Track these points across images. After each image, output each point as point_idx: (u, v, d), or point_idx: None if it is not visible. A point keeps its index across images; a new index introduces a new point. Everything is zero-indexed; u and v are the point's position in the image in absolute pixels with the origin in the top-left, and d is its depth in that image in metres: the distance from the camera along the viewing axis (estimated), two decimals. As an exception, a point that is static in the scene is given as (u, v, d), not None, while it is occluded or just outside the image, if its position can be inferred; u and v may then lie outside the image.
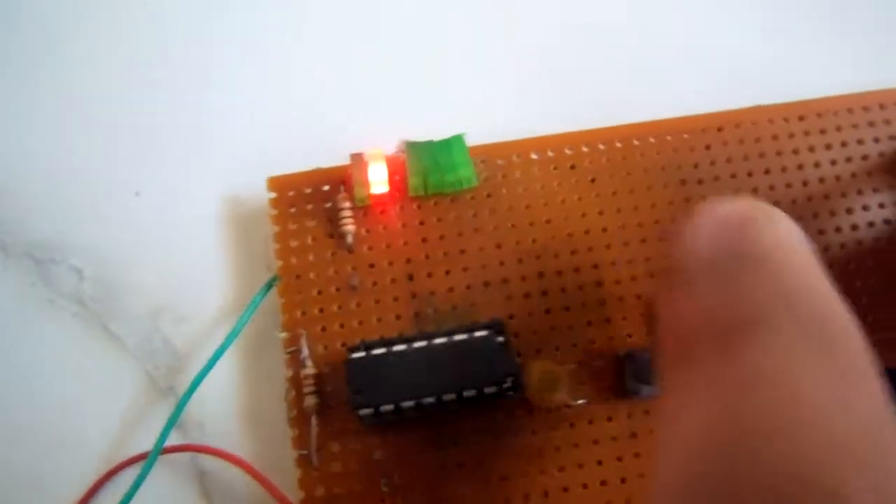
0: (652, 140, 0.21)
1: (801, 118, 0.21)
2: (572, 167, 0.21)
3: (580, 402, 0.19)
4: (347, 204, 0.20)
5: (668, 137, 0.21)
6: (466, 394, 0.18)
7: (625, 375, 0.19)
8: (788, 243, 0.13)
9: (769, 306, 0.12)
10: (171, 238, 0.21)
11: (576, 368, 0.19)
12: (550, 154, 0.21)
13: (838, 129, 0.21)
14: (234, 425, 0.20)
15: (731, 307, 0.13)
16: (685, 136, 0.21)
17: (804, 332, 0.12)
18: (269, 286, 0.20)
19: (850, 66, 0.23)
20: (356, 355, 0.18)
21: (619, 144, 0.21)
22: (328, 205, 0.20)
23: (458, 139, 0.20)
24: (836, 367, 0.12)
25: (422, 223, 0.20)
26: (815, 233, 0.20)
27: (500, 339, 0.18)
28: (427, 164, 0.20)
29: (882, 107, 0.22)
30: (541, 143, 0.21)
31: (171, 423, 0.19)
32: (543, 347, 0.19)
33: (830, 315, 0.12)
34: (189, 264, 0.21)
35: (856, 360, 0.12)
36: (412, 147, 0.20)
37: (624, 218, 0.20)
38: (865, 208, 0.21)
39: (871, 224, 0.21)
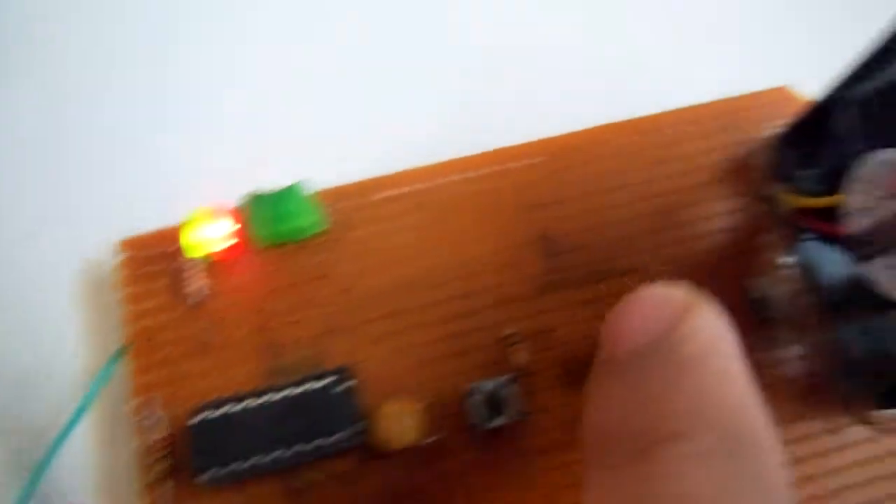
0: (501, 167, 0.21)
1: (648, 132, 0.22)
2: (422, 202, 0.21)
3: (432, 439, 0.19)
4: (195, 261, 0.20)
5: (519, 163, 0.21)
6: (313, 445, 0.18)
7: (470, 408, 0.19)
8: (716, 346, 0.13)
9: (690, 420, 0.12)
10: (27, 307, 0.21)
11: (428, 405, 0.19)
12: (400, 191, 0.21)
13: (688, 139, 0.22)
14: (92, 497, 0.19)
15: (651, 416, 0.13)
16: (536, 160, 0.21)
17: (722, 451, 0.12)
18: (121, 351, 0.20)
19: (701, 76, 0.23)
20: (195, 419, 0.18)
21: (469, 175, 0.21)
22: (178, 263, 0.20)
23: (296, 186, 0.20)
24: (754, 492, 0.12)
25: (271, 274, 0.20)
26: (650, 247, 0.21)
27: (345, 385, 0.18)
28: (269, 215, 0.20)
29: (729, 114, 0.22)
30: (390, 181, 0.21)
31: (25, 499, 0.18)
32: (396, 388, 0.19)
33: (751, 431, 0.12)
34: (47, 333, 0.21)
35: (774, 482, 0.12)
36: (253, 199, 0.20)
37: (475, 249, 0.21)
38: (709, 218, 0.21)
39: (714, 232, 0.21)
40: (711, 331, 0.13)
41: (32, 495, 0.19)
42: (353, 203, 0.21)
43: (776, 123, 0.22)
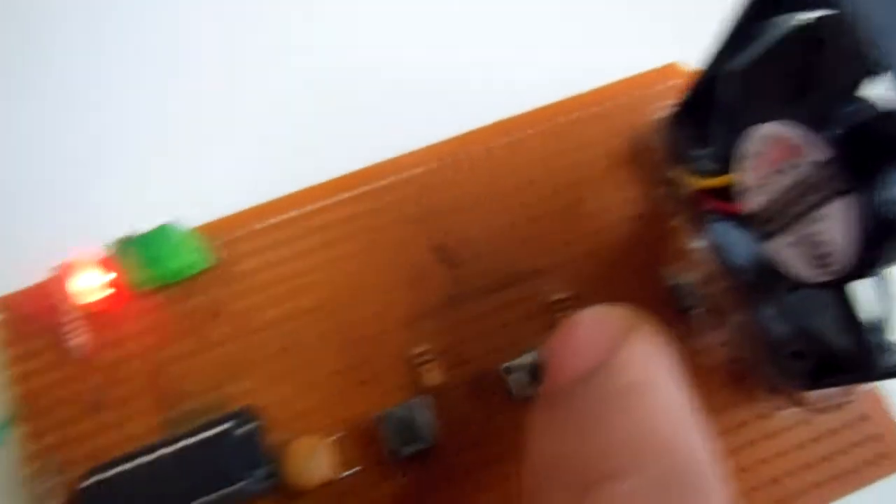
0: (392, 179, 0.20)
1: (536, 127, 0.21)
2: (309, 227, 0.20)
3: (347, 473, 0.18)
4: (76, 315, 0.19)
5: (407, 174, 0.20)
6: (220, 494, 0.17)
7: (382, 437, 0.18)
8: (653, 376, 0.13)
9: (626, 457, 0.12)
10: None
11: (340, 438, 0.18)
12: (284, 217, 0.20)
13: (577, 130, 0.21)
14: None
15: (588, 453, 0.12)
16: (424, 169, 0.20)
17: (659, 488, 0.12)
18: (9, 417, 0.18)
19: (581, 64, 0.22)
20: (88, 482, 0.17)
21: (358, 191, 0.20)
22: (58, 319, 0.19)
23: (168, 225, 0.19)
24: None
25: (159, 319, 0.19)
26: (558, 245, 0.20)
27: (248, 427, 0.17)
28: (146, 258, 0.19)
29: (621, 97, 0.21)
30: (276, 207, 0.20)
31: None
32: (305, 424, 0.18)
33: (688, 465, 0.12)
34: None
35: None
36: (126, 242, 0.19)
37: (372, 268, 0.19)
38: (614, 207, 0.20)
39: (621, 222, 0.20)
40: (649, 359, 0.13)
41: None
42: (238, 235, 0.20)
43: (669, 102, 0.21)
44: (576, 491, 0.12)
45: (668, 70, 0.21)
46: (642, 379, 0.13)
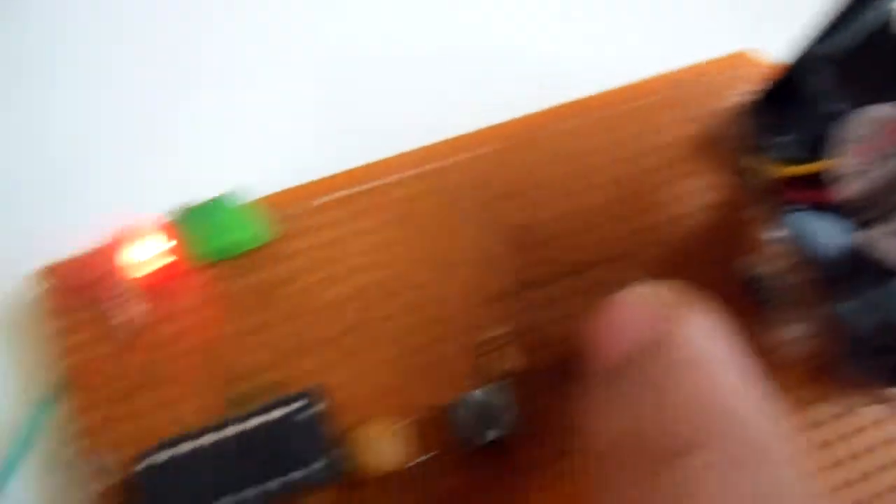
0: (456, 158, 0.20)
1: (602, 110, 0.20)
2: (375, 203, 0.19)
3: (416, 461, 0.17)
4: (128, 286, 0.18)
5: (473, 153, 0.20)
6: (283, 480, 0.16)
7: (457, 424, 0.17)
8: (716, 345, 0.12)
9: (698, 428, 0.12)
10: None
11: (410, 424, 0.17)
12: (349, 192, 0.19)
13: (643, 116, 0.20)
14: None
15: (657, 426, 0.12)
16: (491, 148, 0.20)
17: (735, 458, 0.11)
18: (55, 393, 0.17)
19: (648, 49, 0.22)
20: (144, 464, 0.16)
21: (423, 168, 0.19)
22: (109, 290, 0.18)
23: (228, 196, 0.18)
24: (768, 495, 0.11)
25: (216, 294, 0.18)
26: (630, 233, 0.19)
27: (313, 410, 0.17)
28: (204, 229, 0.18)
29: (689, 84, 0.21)
30: (337, 182, 0.19)
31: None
32: (371, 408, 0.17)
33: (761, 431, 0.12)
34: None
35: (788, 481, 0.11)
36: (184, 213, 0.18)
37: (437, 247, 0.19)
38: (687, 196, 0.20)
39: (694, 212, 0.19)
40: (711, 327, 0.13)
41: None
42: (299, 209, 0.19)
43: (740, 91, 0.20)
44: (646, 471, 0.11)
45: (736, 58, 0.21)
46: (699, 353, 0.12)
